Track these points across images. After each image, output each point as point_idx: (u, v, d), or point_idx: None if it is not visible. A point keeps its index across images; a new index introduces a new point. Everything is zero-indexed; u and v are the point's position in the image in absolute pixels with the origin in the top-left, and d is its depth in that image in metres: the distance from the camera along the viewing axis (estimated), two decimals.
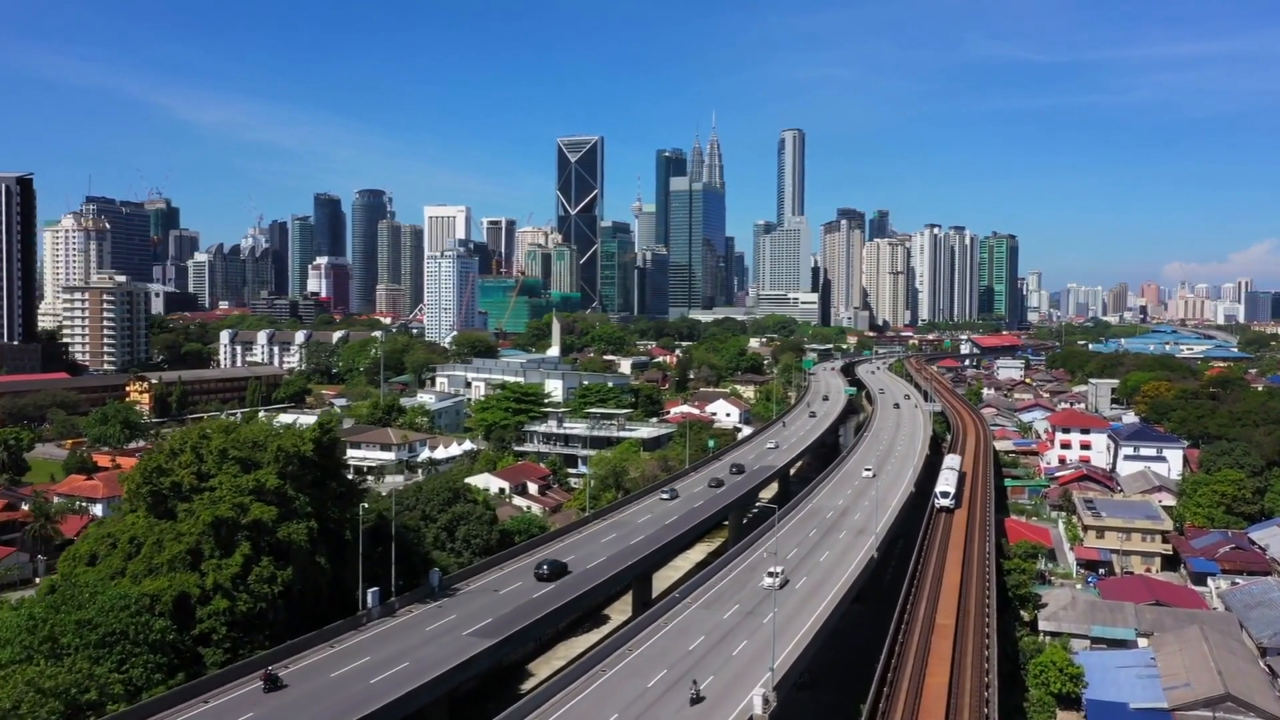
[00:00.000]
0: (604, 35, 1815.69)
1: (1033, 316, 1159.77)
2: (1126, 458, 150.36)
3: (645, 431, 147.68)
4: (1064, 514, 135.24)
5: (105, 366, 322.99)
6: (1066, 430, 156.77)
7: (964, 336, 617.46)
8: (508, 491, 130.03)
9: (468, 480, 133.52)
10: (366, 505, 73.71)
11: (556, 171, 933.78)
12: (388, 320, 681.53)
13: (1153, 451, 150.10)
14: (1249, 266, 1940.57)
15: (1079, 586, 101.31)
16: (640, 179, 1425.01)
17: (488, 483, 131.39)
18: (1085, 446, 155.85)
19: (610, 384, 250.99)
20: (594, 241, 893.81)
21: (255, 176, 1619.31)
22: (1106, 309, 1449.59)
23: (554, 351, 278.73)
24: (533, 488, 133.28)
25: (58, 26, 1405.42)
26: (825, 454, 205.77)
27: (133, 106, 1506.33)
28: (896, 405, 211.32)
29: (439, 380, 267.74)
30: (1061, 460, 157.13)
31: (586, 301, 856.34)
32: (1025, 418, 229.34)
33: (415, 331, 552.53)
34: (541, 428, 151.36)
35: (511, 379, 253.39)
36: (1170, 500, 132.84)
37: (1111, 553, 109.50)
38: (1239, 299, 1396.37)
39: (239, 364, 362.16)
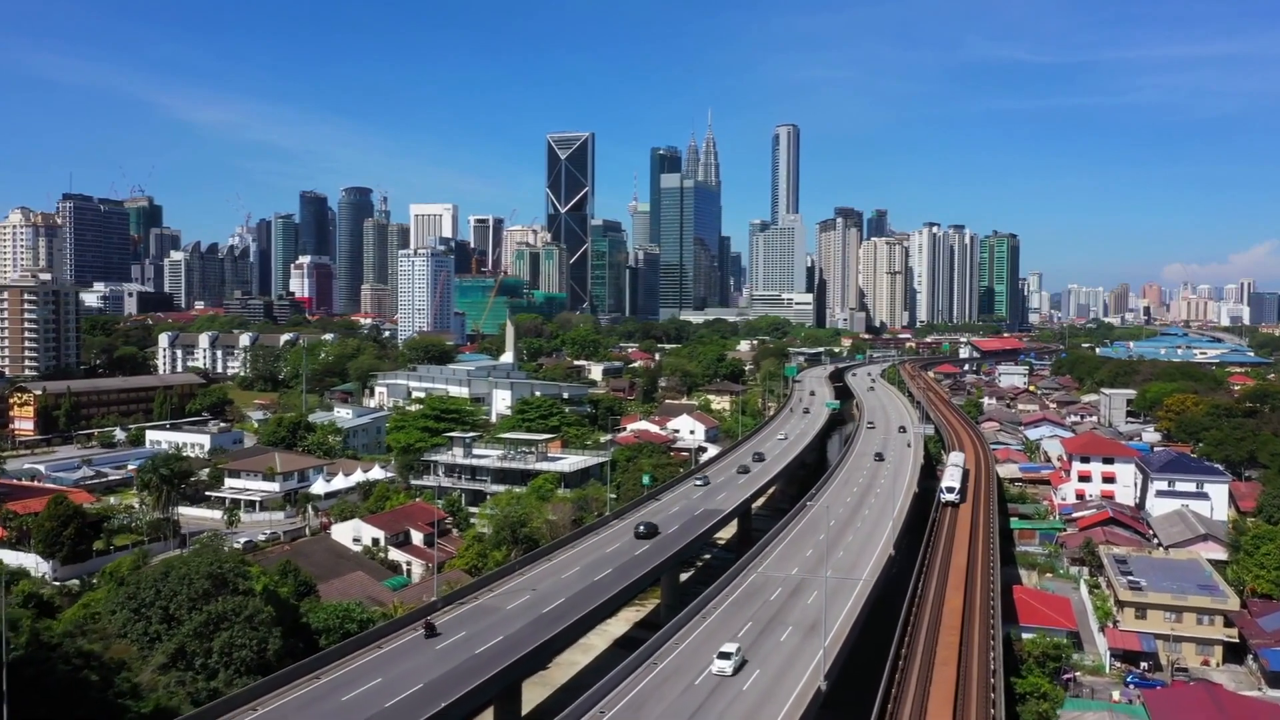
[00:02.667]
0: (603, 36, 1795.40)
1: (1033, 318, 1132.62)
2: (1159, 494, 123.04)
3: (569, 463, 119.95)
4: (1085, 569, 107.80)
5: (26, 372, 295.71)
6: (1086, 459, 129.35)
7: (963, 339, 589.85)
8: (383, 543, 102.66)
9: (334, 529, 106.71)
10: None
11: (546, 169, 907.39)
12: (366, 321, 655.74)
13: (1191, 486, 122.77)
14: (1250, 268, 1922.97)
15: (1116, 695, 73.99)
16: (637, 178, 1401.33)
17: (359, 532, 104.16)
18: (1108, 479, 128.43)
19: (566, 395, 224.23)
20: (584, 240, 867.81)
21: (251, 175, 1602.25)
22: (1108, 310, 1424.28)
23: (508, 358, 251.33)
24: (418, 537, 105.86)
25: (55, 25, 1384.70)
26: (805, 477, 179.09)
27: (123, 105, 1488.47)
28: (879, 456, 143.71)
29: (378, 390, 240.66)
30: (1080, 495, 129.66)
31: (576, 302, 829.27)
32: (1032, 434, 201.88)
33: (388, 334, 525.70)
34: (444, 456, 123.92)
35: (455, 389, 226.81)
36: (1219, 553, 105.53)
37: (1156, 639, 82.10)
38: (1242, 300, 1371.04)
39: (179, 369, 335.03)
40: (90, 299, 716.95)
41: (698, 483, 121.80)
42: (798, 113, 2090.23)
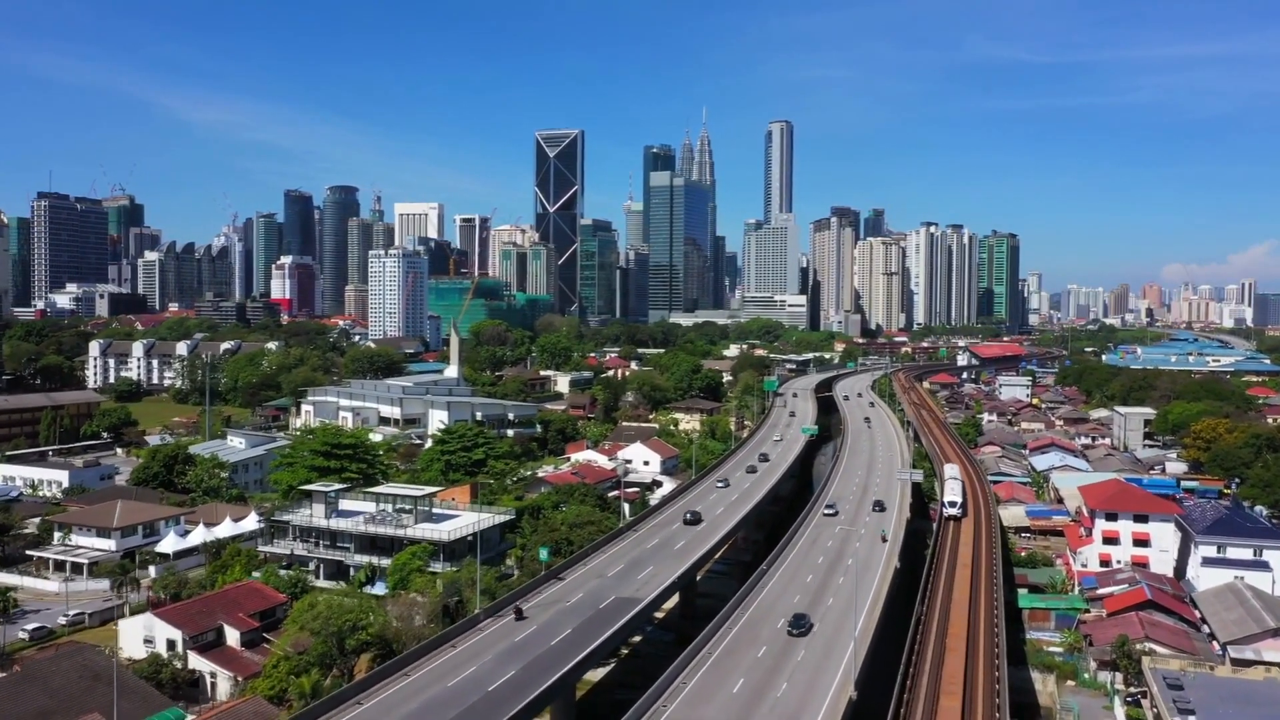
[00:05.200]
0: (601, 35, 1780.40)
1: (1033, 318, 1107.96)
2: (1206, 561, 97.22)
3: (456, 525, 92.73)
4: (1117, 673, 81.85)
5: None
6: (1113, 516, 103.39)
7: (961, 343, 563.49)
8: (180, 647, 76.62)
9: (122, 626, 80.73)
10: None
11: (534, 167, 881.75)
12: (344, 323, 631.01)
13: (1247, 553, 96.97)
14: (1249, 268, 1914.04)
15: None
16: (632, 177, 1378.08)
17: (151, 629, 78.10)
18: (1140, 541, 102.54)
19: (512, 415, 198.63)
20: (574, 240, 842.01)
21: (248, 175, 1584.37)
22: (1108, 310, 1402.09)
23: (451, 372, 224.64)
24: (234, 636, 79.76)
25: (48, 24, 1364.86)
26: (778, 514, 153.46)
27: (116, 105, 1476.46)
28: (798, 624, 73.57)
29: (305, 408, 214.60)
30: (1105, 561, 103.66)
31: (565, 303, 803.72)
32: (1039, 463, 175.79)
33: (358, 338, 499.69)
34: (297, 517, 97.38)
35: (386, 409, 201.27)
36: None
37: None
38: (1244, 300, 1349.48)
39: (111, 380, 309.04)
40: (62, 300, 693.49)
41: (719, 485, 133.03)
42: (796, 112, 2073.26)
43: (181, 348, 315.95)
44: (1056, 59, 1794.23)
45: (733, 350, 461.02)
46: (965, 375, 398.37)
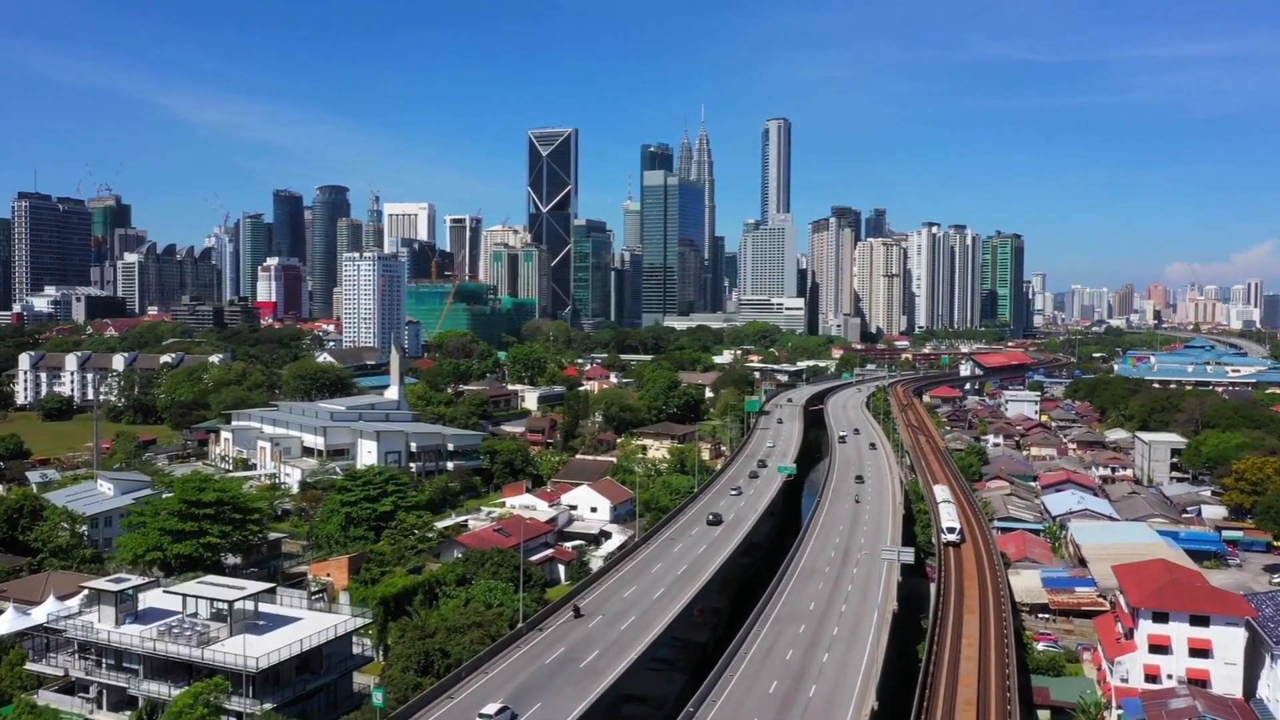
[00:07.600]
0: (600, 35, 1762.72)
1: (1037, 319, 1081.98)
2: None
3: (266, 647, 66.75)
4: None
5: None
6: (1163, 617, 78.69)
7: (964, 350, 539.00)
8: None
9: None
10: None
11: (527, 166, 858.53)
12: (323, 328, 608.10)
13: None
14: (1252, 267, 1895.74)
15: None
16: (631, 177, 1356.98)
17: None
18: (1199, 650, 78.28)
19: (452, 445, 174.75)
20: (567, 242, 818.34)
21: (244, 175, 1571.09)
22: (1112, 311, 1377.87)
23: (393, 392, 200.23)
24: None
25: (49, 24, 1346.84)
26: (751, 567, 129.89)
27: (111, 104, 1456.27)
28: None
29: (224, 436, 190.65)
30: (1151, 674, 79.20)
31: (559, 306, 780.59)
32: (1054, 505, 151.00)
33: (331, 345, 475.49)
34: (75, 624, 72.07)
35: (310, 438, 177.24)
36: None
37: None
38: (1250, 301, 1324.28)
39: (41, 395, 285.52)
40: (40, 303, 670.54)
41: (733, 493, 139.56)
42: (797, 111, 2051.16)
43: (118, 361, 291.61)
44: (1059, 58, 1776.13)
45: (727, 356, 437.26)
46: (968, 387, 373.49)
